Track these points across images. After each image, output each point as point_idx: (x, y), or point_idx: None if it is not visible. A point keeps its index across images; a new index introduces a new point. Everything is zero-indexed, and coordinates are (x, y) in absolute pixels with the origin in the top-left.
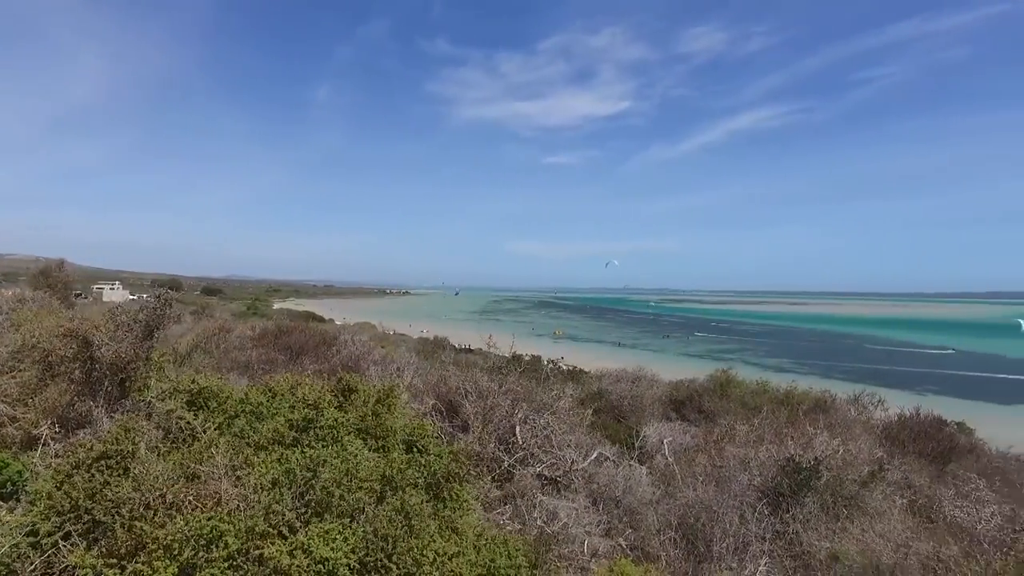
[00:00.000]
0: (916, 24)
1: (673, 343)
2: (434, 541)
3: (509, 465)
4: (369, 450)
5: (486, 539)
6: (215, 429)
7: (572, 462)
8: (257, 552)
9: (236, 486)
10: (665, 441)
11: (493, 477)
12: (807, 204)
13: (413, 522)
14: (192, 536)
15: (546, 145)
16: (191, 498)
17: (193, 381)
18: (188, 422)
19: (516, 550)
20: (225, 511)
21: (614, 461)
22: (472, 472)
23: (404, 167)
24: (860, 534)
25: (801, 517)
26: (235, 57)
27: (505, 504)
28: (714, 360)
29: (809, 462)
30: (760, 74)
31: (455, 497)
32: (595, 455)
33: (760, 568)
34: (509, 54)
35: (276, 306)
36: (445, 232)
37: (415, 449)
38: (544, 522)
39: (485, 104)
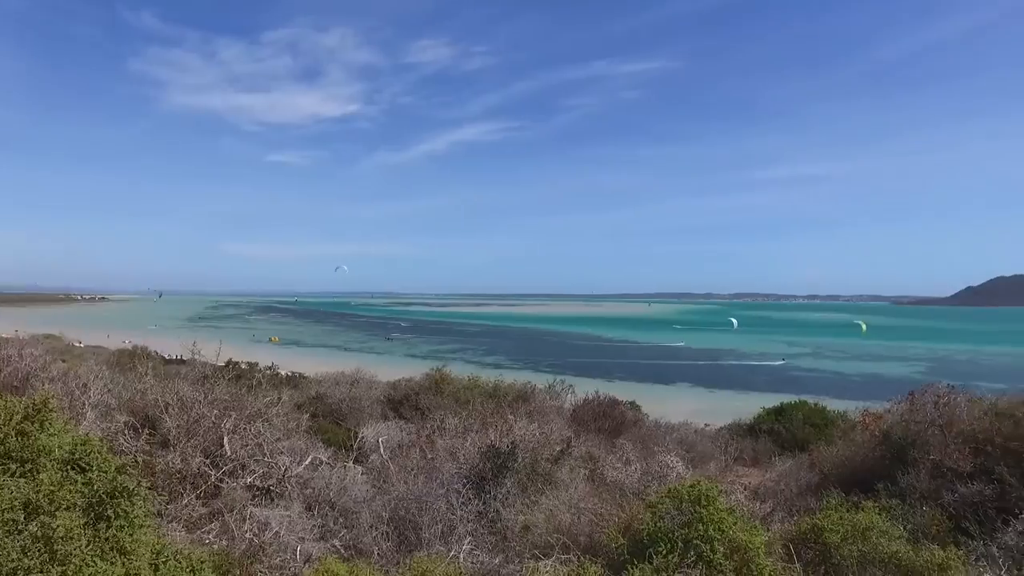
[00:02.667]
0: (605, 65)
1: (399, 345)
2: (88, 566)
3: (217, 479)
4: (9, 475)
5: (167, 556)
6: None
7: (286, 469)
8: None
9: None
10: (381, 440)
11: (198, 494)
12: (521, 214)
13: (58, 548)
14: None
15: (270, 142)
16: None
17: None
18: None
19: (201, 563)
20: None
21: (330, 464)
22: (145, 484)
23: (99, 153)
24: (549, 504)
25: (501, 496)
26: None
27: (212, 521)
28: (437, 360)
29: (507, 446)
30: (481, 91)
31: (123, 514)
32: (310, 459)
33: (464, 547)
34: (230, 41)
35: None
36: (151, 229)
37: (76, 468)
38: (255, 534)
39: (201, 92)
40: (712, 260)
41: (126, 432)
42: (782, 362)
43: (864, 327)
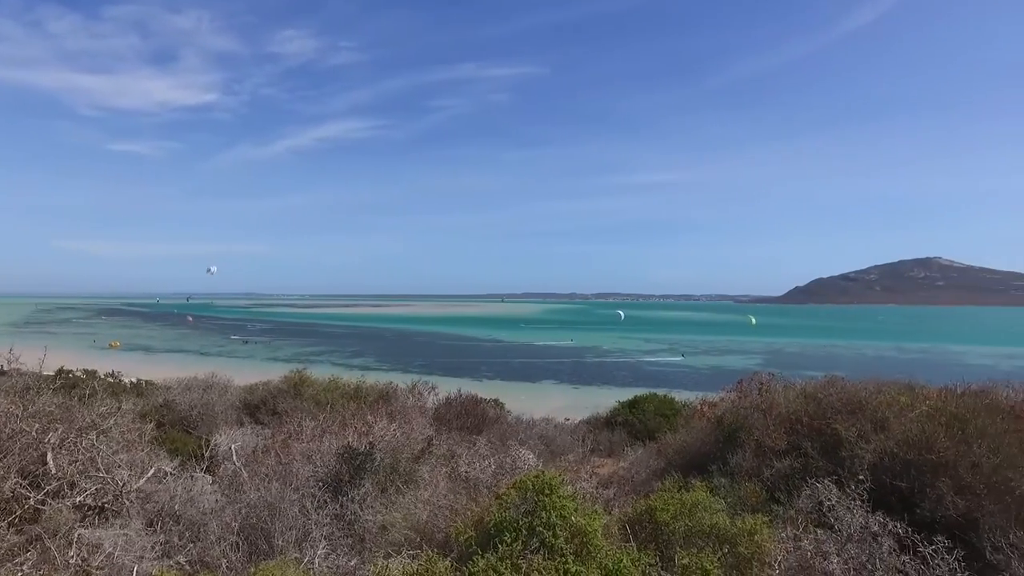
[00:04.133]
0: (474, 68)
1: (261, 348)
2: None
3: (37, 501)
4: None
5: None
6: None
7: (124, 484)
8: None
9: None
10: (234, 447)
11: (12, 520)
12: (390, 214)
13: None
14: None
15: (114, 129)
16: None
17: None
18: None
19: None
20: None
21: (177, 475)
22: None
23: None
24: (409, 504)
25: (359, 498)
26: None
27: (28, 549)
28: (302, 362)
29: (365, 447)
30: (348, 87)
31: None
32: (153, 471)
33: (319, 551)
34: (62, 11)
35: None
36: None
37: None
38: (82, 559)
39: (26, 67)
40: (575, 261)
41: None
42: (681, 358)
43: (754, 321)
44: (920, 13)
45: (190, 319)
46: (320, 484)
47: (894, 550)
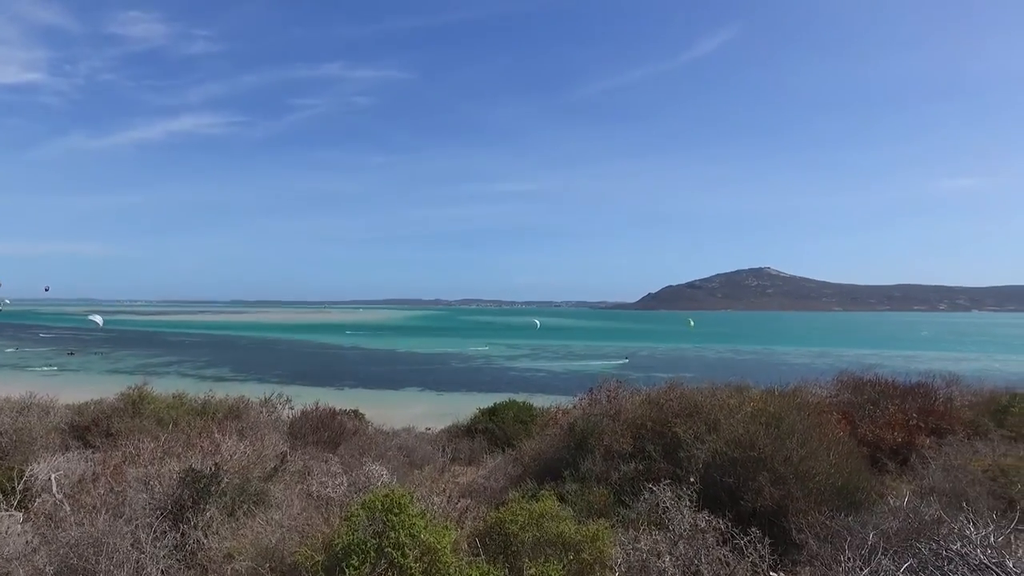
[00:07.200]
0: (338, 68)
1: (96, 360)
2: None
3: None
4: None
5: None
6: None
7: None
8: None
9: None
10: (54, 476)
11: None
12: (241, 215)
13: None
14: None
15: None
16: None
17: None
18: None
19: None
20: None
21: None
22: None
23: None
24: (259, 527)
25: (203, 524)
26: None
27: None
28: (147, 375)
29: (210, 468)
30: (204, 79)
31: None
32: None
33: None
34: None
35: None
36: None
37: None
38: None
39: None
40: (437, 267)
41: None
42: (626, 360)
43: (691, 323)
44: (754, 48)
45: None
46: (158, 512)
47: (717, 543)
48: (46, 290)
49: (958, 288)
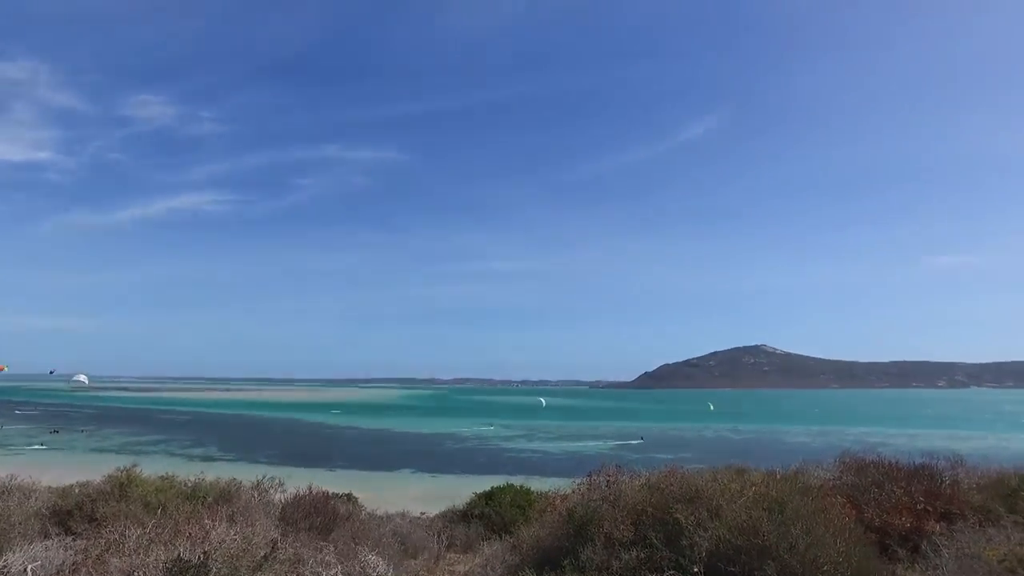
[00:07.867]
0: (336, 150)
1: (81, 438)
2: None
3: None
4: None
5: None
6: None
7: None
8: None
9: None
10: (31, 567)
11: None
12: (241, 291)
13: None
14: None
15: None
16: None
17: None
18: None
19: None
20: None
21: None
22: None
23: None
24: None
25: None
26: None
27: None
28: (134, 454)
29: (199, 558)
30: (207, 158)
31: None
32: None
33: None
34: None
35: None
36: None
37: None
38: None
39: None
40: (432, 345)
41: None
42: (641, 440)
43: (712, 407)
44: (743, 129)
45: None
46: None
47: None
48: (51, 373)
49: (956, 364)
